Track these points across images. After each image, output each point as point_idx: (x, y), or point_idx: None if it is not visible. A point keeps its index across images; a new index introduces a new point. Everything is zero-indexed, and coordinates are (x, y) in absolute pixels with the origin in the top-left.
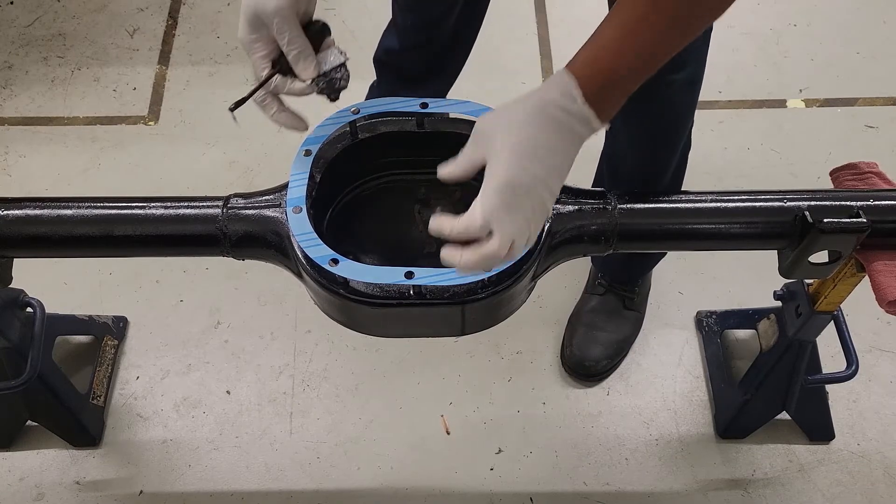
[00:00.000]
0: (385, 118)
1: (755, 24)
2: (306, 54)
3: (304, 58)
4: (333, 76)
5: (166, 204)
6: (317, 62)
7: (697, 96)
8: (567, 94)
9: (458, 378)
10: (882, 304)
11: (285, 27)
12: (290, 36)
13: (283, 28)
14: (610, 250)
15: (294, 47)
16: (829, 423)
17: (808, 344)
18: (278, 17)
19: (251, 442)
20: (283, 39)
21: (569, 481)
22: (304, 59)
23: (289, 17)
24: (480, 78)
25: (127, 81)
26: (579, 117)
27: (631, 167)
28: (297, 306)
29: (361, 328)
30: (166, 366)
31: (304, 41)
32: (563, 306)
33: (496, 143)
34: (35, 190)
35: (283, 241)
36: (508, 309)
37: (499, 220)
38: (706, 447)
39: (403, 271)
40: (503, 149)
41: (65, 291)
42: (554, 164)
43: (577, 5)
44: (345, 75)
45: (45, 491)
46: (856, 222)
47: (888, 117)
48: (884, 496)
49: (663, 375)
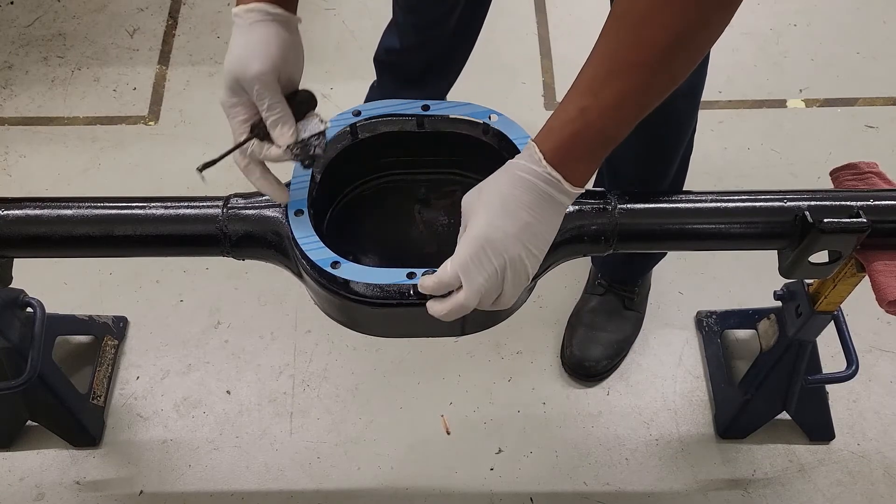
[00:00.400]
0: (385, 118)
1: (755, 24)
2: (285, 120)
3: (283, 124)
4: (310, 143)
5: (166, 204)
6: (295, 129)
7: (698, 103)
8: (530, 156)
9: (458, 378)
10: (882, 304)
11: (265, 93)
12: (270, 102)
13: (264, 94)
14: (610, 250)
15: (273, 113)
16: (829, 423)
17: (808, 344)
18: (258, 82)
19: (251, 442)
20: (262, 105)
21: (569, 481)
22: (283, 125)
23: (269, 83)
24: (480, 78)
25: (127, 81)
26: (545, 178)
27: (631, 171)
28: (297, 306)
29: (361, 328)
30: (166, 366)
31: (283, 107)
32: (563, 306)
33: (473, 207)
34: (35, 190)
35: (283, 242)
36: (508, 309)
37: (466, 273)
38: (706, 447)
39: (405, 272)
40: (477, 209)
41: (65, 291)
42: (526, 220)
43: (577, 5)
44: (321, 143)
45: (45, 491)
46: (856, 222)
47: (888, 117)
48: (884, 496)
49: (663, 375)
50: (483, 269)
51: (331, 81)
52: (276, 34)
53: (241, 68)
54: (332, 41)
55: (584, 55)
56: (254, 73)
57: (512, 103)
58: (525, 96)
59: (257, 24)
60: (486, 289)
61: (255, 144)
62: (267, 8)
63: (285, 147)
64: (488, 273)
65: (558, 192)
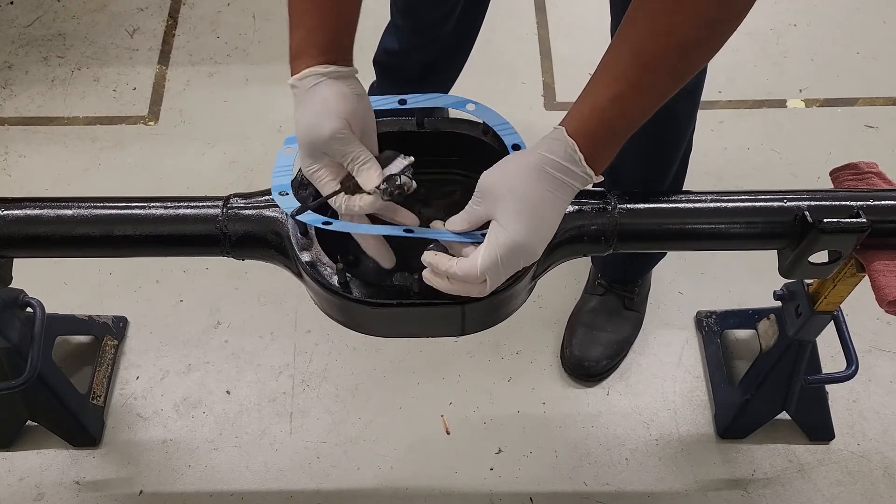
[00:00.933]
0: (385, 118)
1: (755, 24)
2: (371, 164)
3: (369, 168)
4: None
5: (166, 204)
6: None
7: (698, 103)
8: (569, 157)
9: (458, 378)
10: (882, 304)
11: (346, 148)
12: (353, 154)
13: (344, 149)
14: (610, 250)
15: (358, 162)
16: (829, 423)
17: (808, 344)
18: (335, 141)
19: (251, 442)
20: (346, 160)
21: (569, 481)
22: (369, 168)
23: (346, 139)
24: (480, 78)
25: (127, 81)
26: (580, 178)
27: (631, 172)
28: (297, 306)
29: (361, 328)
30: (166, 366)
31: (367, 153)
32: (563, 306)
33: (502, 203)
34: (35, 190)
35: (283, 241)
36: (508, 309)
37: (495, 274)
38: (706, 447)
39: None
40: (508, 210)
41: (65, 291)
42: (553, 220)
43: (577, 5)
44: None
45: (45, 491)
46: (856, 222)
47: (888, 117)
48: (884, 496)
49: (663, 375)
50: (510, 271)
51: None
52: (338, 91)
53: (315, 134)
54: None
55: (584, 55)
56: (328, 133)
57: (512, 103)
58: (525, 96)
59: (316, 88)
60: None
61: (345, 199)
62: (319, 70)
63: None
64: (511, 272)
65: (582, 185)
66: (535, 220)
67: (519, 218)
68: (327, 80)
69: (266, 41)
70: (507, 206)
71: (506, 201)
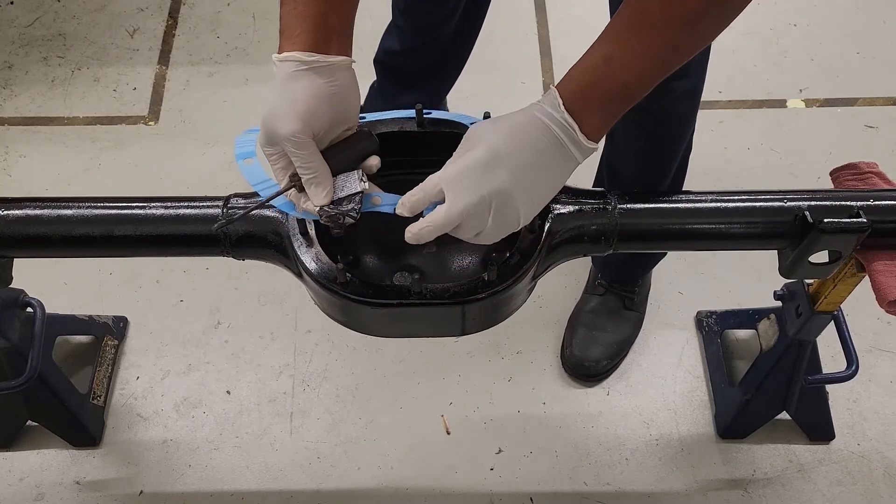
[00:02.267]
0: (385, 118)
1: (755, 24)
2: (318, 181)
3: (316, 185)
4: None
5: (166, 204)
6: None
7: (698, 104)
8: (550, 100)
9: (458, 378)
10: (882, 304)
11: (297, 152)
12: (301, 162)
13: (295, 154)
14: (610, 250)
15: (306, 173)
16: (829, 423)
17: (808, 344)
18: (288, 142)
19: (251, 442)
20: (296, 163)
21: (569, 481)
22: (316, 185)
23: (300, 143)
24: (480, 78)
25: (127, 81)
26: (560, 124)
27: (631, 172)
28: (297, 306)
29: (361, 328)
30: (166, 366)
31: (317, 166)
32: (563, 306)
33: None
34: (35, 190)
35: (283, 241)
36: (508, 309)
37: (452, 189)
38: (706, 447)
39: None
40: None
41: (65, 291)
42: (529, 161)
43: (577, 5)
44: (355, 209)
45: (45, 491)
46: (856, 222)
47: (888, 117)
48: (884, 496)
49: (663, 375)
50: (470, 191)
51: None
52: (308, 88)
53: (273, 126)
54: None
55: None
56: (284, 133)
57: (512, 103)
58: (525, 96)
59: (290, 77)
60: (469, 213)
61: (293, 195)
62: (301, 57)
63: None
64: (474, 197)
65: (570, 141)
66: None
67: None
68: (305, 71)
69: (266, 41)
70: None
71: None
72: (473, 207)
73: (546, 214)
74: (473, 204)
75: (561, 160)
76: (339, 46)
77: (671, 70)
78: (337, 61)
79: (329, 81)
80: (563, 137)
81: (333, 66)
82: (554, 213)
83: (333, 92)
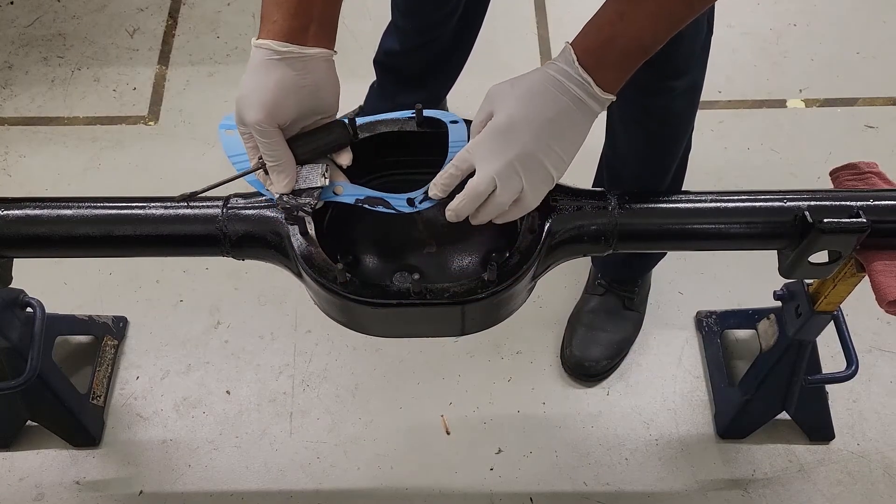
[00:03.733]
0: (385, 118)
1: (755, 24)
2: (280, 170)
3: (278, 172)
4: (296, 203)
5: (166, 204)
6: (291, 179)
7: (698, 102)
8: (565, 57)
9: (458, 378)
10: (882, 304)
11: (262, 140)
12: (265, 150)
13: (261, 140)
14: (610, 250)
15: (269, 160)
16: (829, 423)
17: (808, 344)
18: (254, 130)
19: (251, 442)
20: (261, 148)
21: (569, 481)
22: (278, 173)
23: (265, 132)
24: (480, 78)
25: (127, 81)
26: (576, 80)
27: (631, 171)
28: (297, 306)
29: (361, 328)
30: (166, 366)
31: (280, 154)
32: (563, 306)
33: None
34: (35, 190)
35: (282, 241)
36: (508, 309)
37: (479, 156)
38: (706, 447)
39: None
40: (504, 100)
41: (65, 291)
42: (549, 117)
43: (577, 5)
44: (311, 203)
45: (45, 491)
46: (856, 222)
47: (888, 117)
48: (884, 496)
49: (663, 375)
50: (497, 158)
51: None
52: (277, 79)
53: (241, 110)
54: None
55: None
56: (249, 120)
57: None
58: None
59: (262, 65)
60: (500, 179)
61: (261, 175)
62: (275, 46)
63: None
64: (501, 163)
65: (587, 95)
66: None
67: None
68: (277, 61)
69: None
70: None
71: (502, 98)
72: (502, 173)
73: (546, 214)
74: (501, 169)
75: (581, 114)
76: (318, 37)
77: (683, 25)
78: (312, 53)
79: (300, 74)
80: (580, 93)
81: (308, 59)
82: (554, 213)
83: (303, 85)
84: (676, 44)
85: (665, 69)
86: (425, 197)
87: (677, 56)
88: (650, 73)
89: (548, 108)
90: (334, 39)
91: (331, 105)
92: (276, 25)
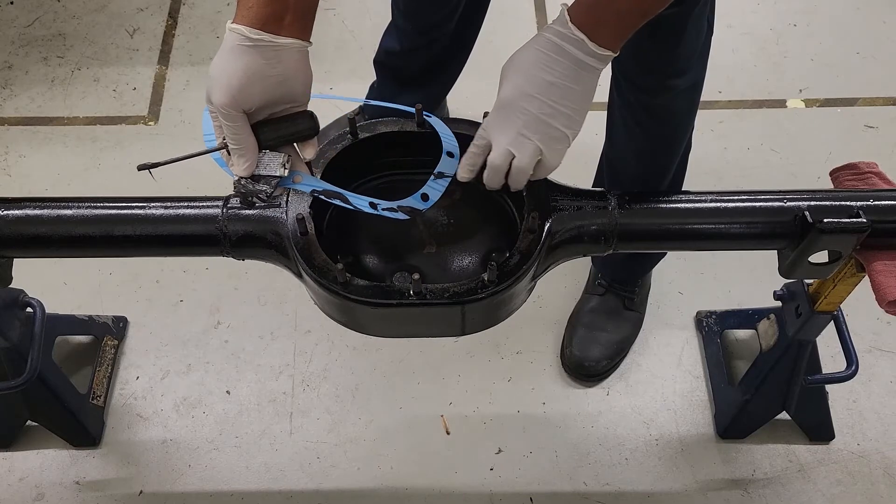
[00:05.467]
0: (385, 118)
1: (755, 24)
2: (240, 154)
3: (238, 156)
4: (252, 188)
5: (166, 204)
6: (251, 164)
7: (698, 102)
8: (560, 19)
9: (458, 378)
10: (882, 304)
11: (225, 123)
12: (228, 133)
13: (225, 123)
14: (610, 250)
15: (231, 143)
16: (829, 423)
17: (808, 344)
18: (219, 112)
19: (251, 442)
20: (224, 131)
21: (569, 481)
22: (238, 157)
23: (229, 116)
24: (480, 78)
25: (127, 81)
26: (570, 39)
27: (631, 170)
28: (297, 306)
29: (361, 328)
30: (166, 366)
31: (243, 139)
32: (563, 306)
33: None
34: (35, 190)
35: (282, 241)
36: (508, 309)
37: (492, 134)
38: (706, 447)
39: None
40: (507, 73)
41: (65, 291)
42: (548, 80)
43: None
44: (267, 192)
45: (45, 491)
46: (856, 222)
47: (888, 117)
48: (884, 496)
49: (663, 375)
50: (507, 130)
51: (330, 81)
52: (246, 66)
53: (209, 90)
54: (332, 41)
55: None
56: (215, 102)
57: None
58: None
59: (232, 50)
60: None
61: (225, 155)
62: (247, 32)
63: (235, 178)
64: (512, 133)
65: (585, 53)
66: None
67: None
68: (248, 48)
69: None
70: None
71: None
72: (515, 142)
73: (546, 214)
74: (513, 139)
75: (583, 72)
76: (293, 27)
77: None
78: (284, 43)
79: (270, 63)
80: (577, 52)
81: (280, 48)
82: (554, 213)
83: (272, 74)
84: (677, 44)
85: (666, 69)
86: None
87: (678, 56)
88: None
89: (547, 72)
90: (310, 30)
91: (300, 95)
92: (250, 11)
